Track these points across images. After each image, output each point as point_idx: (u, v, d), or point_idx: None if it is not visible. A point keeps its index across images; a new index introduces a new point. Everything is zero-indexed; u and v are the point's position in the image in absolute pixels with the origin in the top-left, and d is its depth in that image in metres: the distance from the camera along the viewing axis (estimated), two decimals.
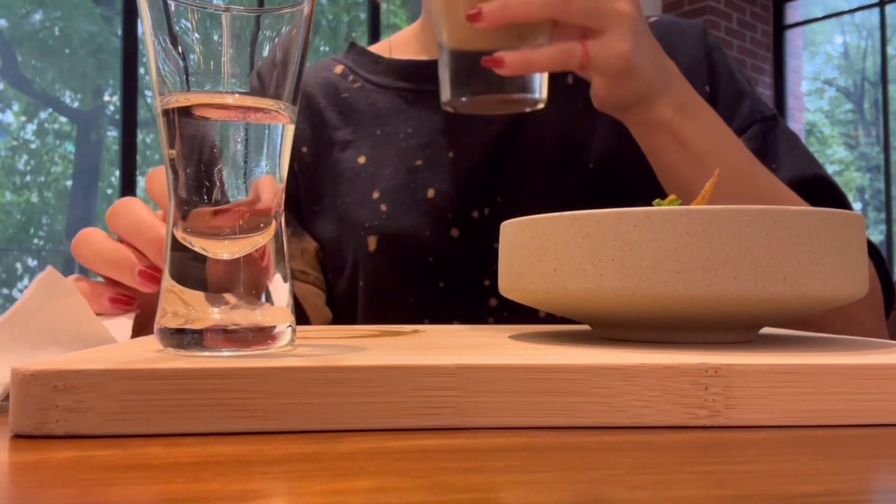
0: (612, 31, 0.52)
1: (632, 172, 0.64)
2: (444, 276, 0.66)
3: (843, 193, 0.63)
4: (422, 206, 0.67)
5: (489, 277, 0.66)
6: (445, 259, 0.66)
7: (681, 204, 0.39)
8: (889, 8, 4.36)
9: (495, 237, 0.65)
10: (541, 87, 0.57)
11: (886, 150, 4.40)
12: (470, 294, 0.66)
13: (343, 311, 0.72)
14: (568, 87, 0.69)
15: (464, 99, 0.56)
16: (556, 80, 0.69)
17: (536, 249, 0.37)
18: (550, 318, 0.64)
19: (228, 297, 0.31)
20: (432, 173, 0.68)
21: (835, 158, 5.61)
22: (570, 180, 0.66)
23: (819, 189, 0.63)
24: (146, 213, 0.47)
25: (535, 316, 0.64)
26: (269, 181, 0.32)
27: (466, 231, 0.67)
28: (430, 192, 0.67)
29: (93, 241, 0.48)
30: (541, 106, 0.58)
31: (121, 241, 0.48)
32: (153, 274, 0.45)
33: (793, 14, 4.64)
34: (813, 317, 0.52)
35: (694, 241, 0.33)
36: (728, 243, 0.32)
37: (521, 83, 0.56)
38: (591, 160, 0.67)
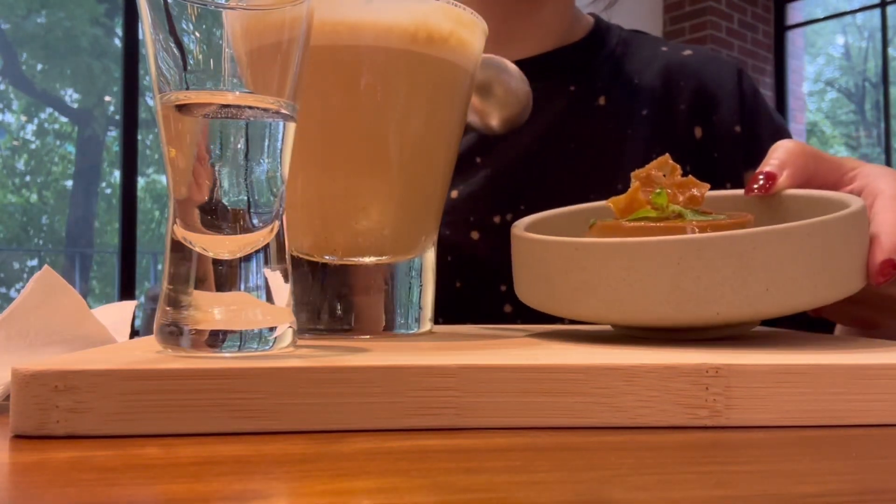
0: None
1: None
2: (462, 277, 0.67)
3: None
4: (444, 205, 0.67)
5: (506, 283, 0.66)
6: (464, 260, 0.66)
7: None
8: (891, 9, 4.36)
9: None
10: None
11: (888, 151, 4.39)
12: (486, 297, 0.66)
13: None
14: (599, 108, 0.69)
15: None
16: (588, 102, 0.70)
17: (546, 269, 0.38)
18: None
19: (228, 297, 0.31)
20: (457, 175, 0.68)
21: None
22: (596, 198, 0.67)
23: None
24: None
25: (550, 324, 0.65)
26: (271, 180, 0.32)
27: (486, 235, 0.67)
28: (454, 194, 0.68)
29: None
30: None
31: None
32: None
33: (794, 15, 4.64)
34: None
35: (690, 268, 0.34)
36: (721, 270, 0.34)
37: None
38: (620, 182, 0.67)
